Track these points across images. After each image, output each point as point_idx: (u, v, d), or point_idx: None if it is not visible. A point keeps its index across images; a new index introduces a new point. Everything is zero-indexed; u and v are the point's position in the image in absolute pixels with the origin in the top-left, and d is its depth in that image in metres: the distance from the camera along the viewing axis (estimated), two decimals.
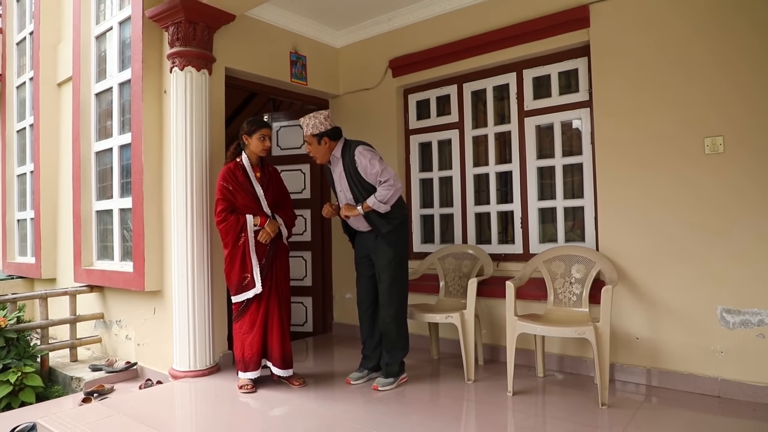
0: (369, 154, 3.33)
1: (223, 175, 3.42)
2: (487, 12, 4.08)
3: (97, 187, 4.75)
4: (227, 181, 3.38)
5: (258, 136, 3.45)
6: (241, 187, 3.41)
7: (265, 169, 3.59)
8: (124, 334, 4.44)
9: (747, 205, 3.02)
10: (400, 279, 3.42)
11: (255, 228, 3.40)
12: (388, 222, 3.33)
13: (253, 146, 3.47)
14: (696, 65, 3.19)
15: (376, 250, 3.42)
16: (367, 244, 3.49)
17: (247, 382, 3.42)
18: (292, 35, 4.67)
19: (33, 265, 5.69)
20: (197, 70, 3.75)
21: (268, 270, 3.44)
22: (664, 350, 3.29)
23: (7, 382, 3.77)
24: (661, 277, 3.31)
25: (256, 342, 3.41)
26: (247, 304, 3.43)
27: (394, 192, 3.24)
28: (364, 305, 3.58)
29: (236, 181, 3.40)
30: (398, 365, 3.44)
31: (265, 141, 3.47)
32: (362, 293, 3.59)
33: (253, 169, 3.49)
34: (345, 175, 3.38)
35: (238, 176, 3.42)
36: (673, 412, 2.88)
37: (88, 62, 4.82)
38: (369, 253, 3.49)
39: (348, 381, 3.50)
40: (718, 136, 3.10)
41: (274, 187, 3.59)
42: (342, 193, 3.45)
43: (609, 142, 3.52)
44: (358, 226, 3.49)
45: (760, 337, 2.97)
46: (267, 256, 3.45)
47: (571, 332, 3.03)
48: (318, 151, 3.40)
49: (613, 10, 3.50)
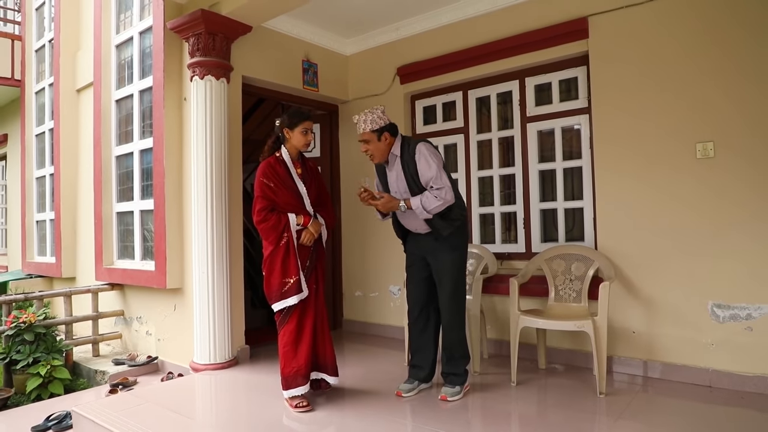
0: (430, 153, 3.08)
1: (263, 171, 3.12)
2: (491, 23, 4.28)
3: (117, 189, 4.97)
4: (268, 178, 3.10)
5: (300, 130, 3.16)
6: (283, 184, 3.13)
7: (306, 165, 3.32)
8: (145, 330, 4.65)
9: (736, 207, 3.22)
10: (462, 284, 3.22)
11: (297, 228, 3.11)
12: (449, 224, 3.09)
13: (295, 140, 3.18)
14: (688, 75, 3.39)
15: (435, 253, 3.18)
16: (423, 245, 3.23)
17: (300, 401, 3.02)
18: (304, 44, 4.88)
19: (53, 264, 5.91)
20: (216, 78, 3.96)
21: (311, 273, 3.17)
22: (659, 343, 3.48)
23: (38, 375, 4.00)
24: (656, 275, 3.50)
25: (304, 353, 3.07)
26: (290, 311, 3.08)
27: (441, 204, 2.98)
28: (415, 310, 3.30)
29: (278, 178, 3.12)
30: (465, 373, 3.24)
31: (308, 134, 3.19)
32: (414, 297, 3.31)
33: (294, 165, 3.22)
34: (404, 176, 3.13)
35: (279, 172, 3.14)
36: (666, 401, 3.08)
37: (108, 70, 5.04)
38: (425, 255, 3.24)
39: (399, 393, 3.20)
40: (708, 142, 3.30)
41: (316, 184, 3.32)
42: (397, 195, 3.17)
43: (607, 146, 3.72)
44: (416, 228, 3.22)
45: (748, 330, 3.16)
46: (310, 259, 3.18)
47: (571, 326, 3.23)
48: (378, 148, 3.13)
49: (610, 23, 3.70)
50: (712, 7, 3.30)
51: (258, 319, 5.84)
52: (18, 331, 4.18)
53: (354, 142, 5.19)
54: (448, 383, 3.21)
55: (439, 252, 3.16)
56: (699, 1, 3.34)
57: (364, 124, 3.13)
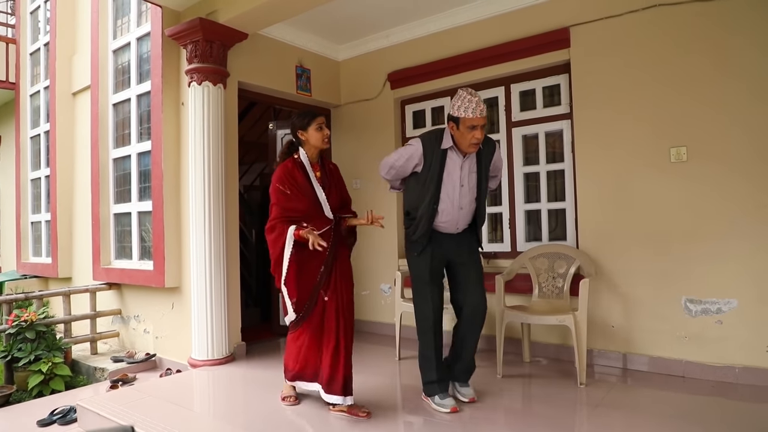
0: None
1: (279, 176, 2.95)
2: (478, 31, 4.47)
3: (114, 191, 5.08)
4: (284, 184, 2.93)
5: (315, 127, 3.00)
6: (301, 191, 2.95)
7: (325, 167, 3.13)
8: (142, 328, 4.78)
9: (707, 208, 3.43)
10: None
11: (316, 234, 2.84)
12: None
13: (312, 139, 3.00)
14: (663, 83, 3.59)
15: (461, 250, 3.06)
16: (450, 245, 3.04)
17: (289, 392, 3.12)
18: (297, 50, 5.03)
19: (49, 264, 6.01)
20: (213, 84, 4.10)
21: (326, 278, 2.97)
22: (637, 336, 3.68)
23: (39, 372, 4.11)
24: (633, 272, 3.70)
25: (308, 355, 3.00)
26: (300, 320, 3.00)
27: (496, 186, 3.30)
28: (438, 315, 3.06)
29: (295, 184, 2.95)
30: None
31: (324, 129, 3.02)
32: (437, 303, 3.04)
33: (312, 168, 3.03)
34: (477, 169, 2.99)
35: (296, 177, 2.97)
36: (643, 391, 3.27)
37: (105, 74, 5.16)
38: (447, 256, 3.05)
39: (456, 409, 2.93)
40: (682, 147, 3.51)
41: (338, 188, 3.13)
42: (464, 189, 2.96)
43: (587, 150, 3.92)
44: (458, 224, 3.02)
45: (718, 323, 3.37)
46: (326, 263, 2.96)
47: (554, 320, 3.42)
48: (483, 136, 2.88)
49: (590, 33, 3.90)
50: (684, 20, 3.50)
51: (252, 317, 5.99)
52: (19, 329, 4.29)
53: (347, 144, 5.38)
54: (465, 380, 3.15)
55: (471, 246, 3.10)
56: (673, 15, 3.54)
57: (484, 110, 2.84)
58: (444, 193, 2.94)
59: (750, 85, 3.29)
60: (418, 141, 2.98)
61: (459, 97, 2.87)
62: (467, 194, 2.98)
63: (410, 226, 3.05)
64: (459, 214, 2.98)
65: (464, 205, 2.98)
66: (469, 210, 3.02)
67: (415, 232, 3.00)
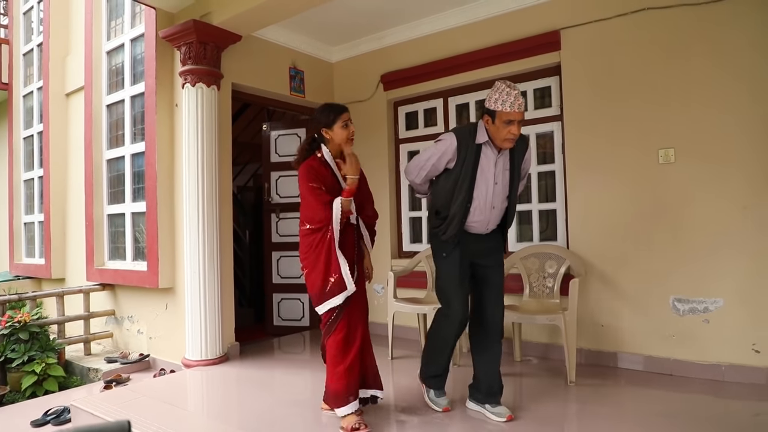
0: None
1: (307, 174, 2.76)
2: (470, 34, 4.52)
3: (108, 192, 5.09)
4: (315, 180, 2.75)
5: (340, 124, 2.80)
6: (329, 189, 2.76)
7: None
8: (136, 329, 4.79)
9: (694, 209, 3.49)
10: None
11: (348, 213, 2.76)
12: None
13: (337, 137, 2.81)
14: (652, 85, 3.64)
15: (488, 253, 2.91)
16: (477, 246, 2.88)
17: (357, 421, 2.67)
18: (291, 52, 5.06)
19: (42, 265, 6.00)
20: (207, 86, 4.12)
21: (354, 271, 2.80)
22: (626, 335, 3.74)
23: (33, 372, 4.12)
24: (622, 272, 3.76)
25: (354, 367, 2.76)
26: (337, 317, 2.76)
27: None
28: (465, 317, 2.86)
29: (324, 182, 2.76)
30: None
31: (350, 126, 2.82)
32: (466, 304, 2.87)
33: (336, 166, 2.86)
34: (510, 167, 2.83)
35: (323, 174, 2.78)
36: (631, 389, 3.33)
37: (99, 75, 5.17)
38: (474, 259, 2.88)
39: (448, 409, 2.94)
40: (670, 148, 3.56)
41: (362, 186, 2.93)
42: (498, 186, 2.79)
43: (577, 151, 3.97)
44: (488, 224, 2.86)
45: (705, 322, 3.43)
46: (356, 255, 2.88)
47: (544, 319, 3.47)
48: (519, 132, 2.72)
49: (581, 36, 3.95)
50: (673, 24, 3.56)
51: (246, 317, 6.01)
52: (13, 330, 4.30)
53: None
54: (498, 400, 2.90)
55: (498, 248, 2.97)
56: (661, 18, 3.60)
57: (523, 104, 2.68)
58: (477, 191, 2.76)
59: (738, 86, 3.35)
60: (451, 135, 2.78)
61: (496, 89, 2.70)
62: (500, 193, 2.81)
63: (440, 225, 2.86)
64: (491, 213, 2.82)
65: (497, 204, 2.82)
66: (500, 209, 2.86)
67: (445, 232, 2.82)
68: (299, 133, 5.49)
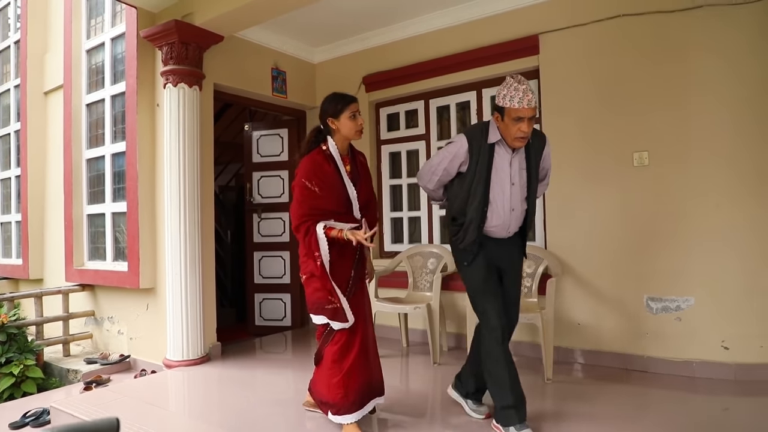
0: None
1: (305, 170, 2.61)
2: (451, 37, 4.58)
3: (88, 191, 5.05)
4: (312, 179, 2.58)
5: (348, 115, 2.65)
6: (331, 188, 2.62)
7: (355, 160, 2.82)
8: (116, 329, 4.76)
9: (667, 210, 3.59)
10: None
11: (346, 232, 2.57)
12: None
13: (344, 129, 2.67)
14: (627, 90, 3.74)
15: (508, 258, 2.79)
16: (498, 251, 2.75)
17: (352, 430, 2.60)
18: (274, 52, 5.07)
19: (20, 266, 5.92)
20: (189, 86, 4.11)
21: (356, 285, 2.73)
22: (601, 333, 3.83)
23: (10, 374, 4.07)
24: (598, 272, 3.85)
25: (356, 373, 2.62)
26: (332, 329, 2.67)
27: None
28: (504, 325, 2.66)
29: (323, 178, 2.61)
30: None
31: (358, 118, 2.68)
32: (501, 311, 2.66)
33: (342, 161, 2.70)
34: (527, 166, 2.69)
35: (326, 171, 2.63)
36: (607, 385, 3.41)
37: (79, 74, 5.12)
38: (497, 263, 2.75)
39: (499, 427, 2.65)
40: (644, 151, 3.66)
41: (366, 184, 2.83)
42: (515, 187, 2.66)
43: (554, 153, 4.00)
44: (509, 227, 2.71)
45: (678, 320, 3.54)
46: (355, 268, 2.74)
47: (522, 318, 3.50)
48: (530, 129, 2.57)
49: (559, 40, 4.04)
50: (647, 30, 3.66)
51: (227, 317, 6.01)
52: None
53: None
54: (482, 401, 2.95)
55: (517, 254, 2.84)
56: (636, 24, 3.70)
57: (533, 99, 2.53)
58: (493, 193, 2.63)
59: (709, 91, 3.46)
60: (462, 137, 2.65)
61: (506, 84, 2.57)
62: (518, 194, 2.67)
63: (457, 233, 2.72)
64: (510, 216, 2.67)
65: (515, 206, 2.67)
66: (520, 211, 2.71)
67: (463, 239, 2.68)
68: (281, 134, 5.50)
